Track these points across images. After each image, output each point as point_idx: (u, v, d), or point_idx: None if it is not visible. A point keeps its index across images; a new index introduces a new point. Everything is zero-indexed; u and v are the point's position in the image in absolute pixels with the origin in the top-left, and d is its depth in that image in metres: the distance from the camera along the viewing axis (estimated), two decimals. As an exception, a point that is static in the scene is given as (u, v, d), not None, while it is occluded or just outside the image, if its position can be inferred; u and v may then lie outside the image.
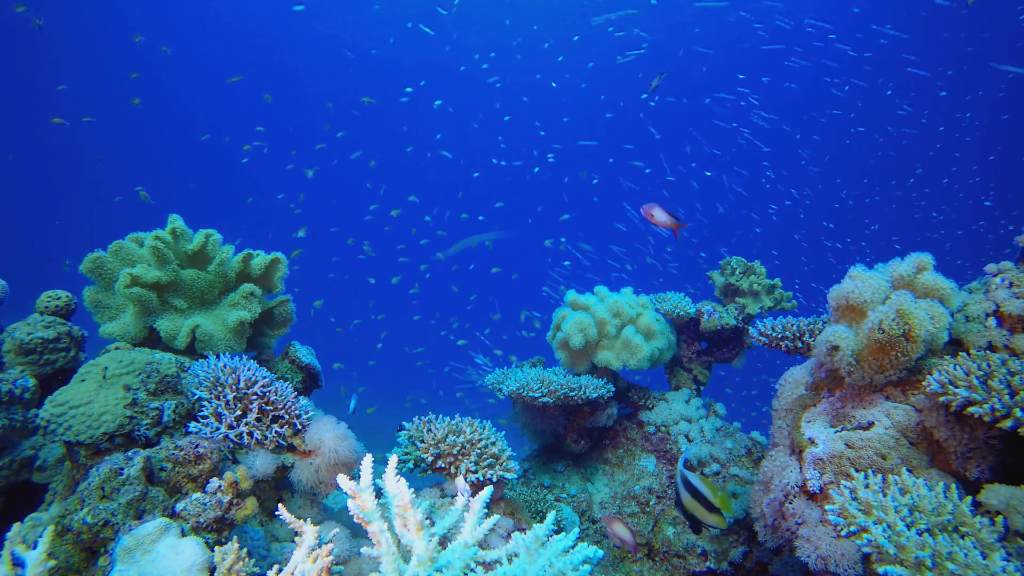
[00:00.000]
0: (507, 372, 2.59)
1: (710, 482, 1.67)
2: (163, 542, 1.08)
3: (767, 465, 1.63)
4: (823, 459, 1.44)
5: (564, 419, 2.59)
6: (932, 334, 1.40)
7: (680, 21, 14.83)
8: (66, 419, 1.43)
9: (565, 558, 0.98)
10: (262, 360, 2.14)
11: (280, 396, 1.63)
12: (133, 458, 1.27)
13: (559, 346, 2.63)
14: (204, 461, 1.37)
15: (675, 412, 2.63)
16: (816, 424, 1.55)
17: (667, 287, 3.08)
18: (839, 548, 1.27)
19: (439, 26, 15.58)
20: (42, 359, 1.82)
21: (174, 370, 1.62)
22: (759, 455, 2.48)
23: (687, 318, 2.77)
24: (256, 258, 2.09)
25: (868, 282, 1.54)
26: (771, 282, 2.88)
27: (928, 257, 1.56)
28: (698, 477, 1.70)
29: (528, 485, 2.53)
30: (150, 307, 1.89)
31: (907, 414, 1.41)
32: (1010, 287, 1.51)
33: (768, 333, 2.09)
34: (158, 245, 1.87)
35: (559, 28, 15.23)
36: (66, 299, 1.95)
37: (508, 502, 1.82)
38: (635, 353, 2.50)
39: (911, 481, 1.21)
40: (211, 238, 2.03)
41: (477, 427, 1.76)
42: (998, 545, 1.06)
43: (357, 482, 1.01)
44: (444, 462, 1.69)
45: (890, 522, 1.10)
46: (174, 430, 1.54)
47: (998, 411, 1.16)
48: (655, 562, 2.24)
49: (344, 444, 1.63)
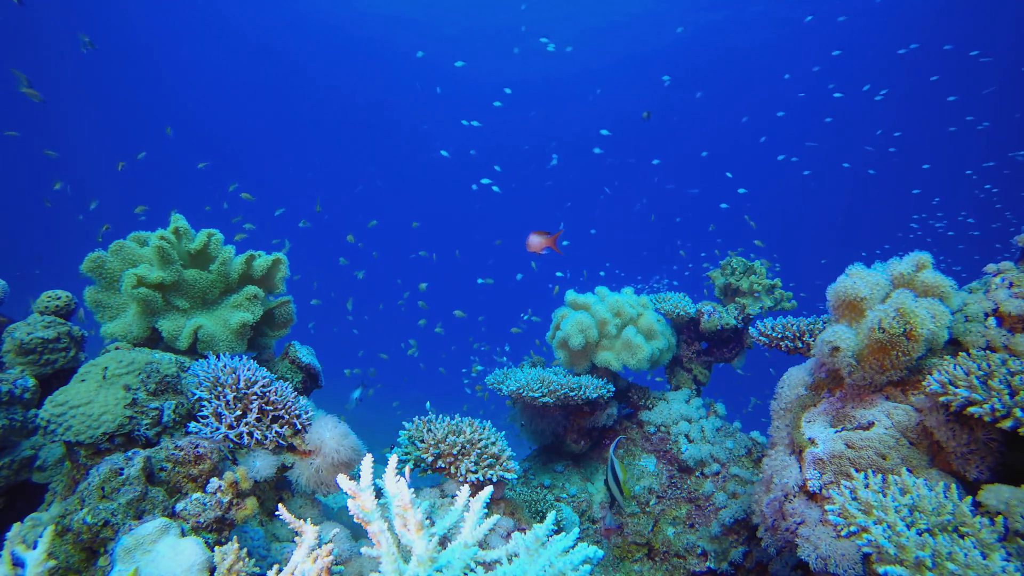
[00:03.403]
0: (507, 372, 2.59)
1: (624, 468, 1.97)
2: (163, 542, 1.08)
3: (767, 465, 1.63)
4: (823, 459, 1.44)
5: (564, 419, 2.59)
6: (933, 333, 1.39)
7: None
8: (66, 419, 1.43)
9: (565, 558, 0.98)
10: (262, 360, 2.14)
11: (280, 396, 1.63)
12: (133, 458, 1.27)
13: (559, 346, 2.63)
14: (204, 461, 1.37)
15: (675, 412, 2.63)
16: (816, 424, 1.55)
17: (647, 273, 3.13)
18: (839, 548, 1.27)
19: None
20: (42, 359, 1.82)
21: (174, 370, 1.62)
22: (759, 455, 2.48)
23: (687, 318, 2.77)
24: (259, 259, 2.09)
25: (867, 279, 1.54)
26: (771, 282, 2.88)
27: (927, 256, 1.56)
28: (619, 463, 1.94)
29: (528, 485, 2.53)
30: (154, 307, 1.89)
31: (907, 414, 1.40)
32: (1010, 287, 1.50)
33: (768, 333, 2.09)
34: (163, 245, 1.87)
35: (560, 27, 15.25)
36: (66, 299, 1.95)
37: (508, 502, 1.82)
38: (635, 353, 2.50)
39: (911, 481, 1.21)
40: (213, 238, 2.03)
41: (477, 427, 1.76)
42: (998, 545, 1.06)
43: (357, 482, 1.01)
44: (444, 462, 1.69)
45: (890, 522, 1.10)
46: (174, 430, 1.54)
47: (998, 411, 1.16)
48: (655, 562, 2.24)
49: (344, 444, 1.63)
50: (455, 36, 16.01)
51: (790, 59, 15.32)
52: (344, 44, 17.20)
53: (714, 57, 15.76)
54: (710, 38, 15.13)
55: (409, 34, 16.05)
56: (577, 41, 14.95)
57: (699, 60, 15.87)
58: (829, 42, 13.99)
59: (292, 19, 16.03)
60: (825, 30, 14.15)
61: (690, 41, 15.20)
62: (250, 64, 18.28)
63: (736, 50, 15.47)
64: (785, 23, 14.05)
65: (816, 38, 14.42)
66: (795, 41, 14.71)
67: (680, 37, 14.91)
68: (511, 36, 15.42)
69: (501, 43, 15.86)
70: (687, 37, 15.04)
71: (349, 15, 15.75)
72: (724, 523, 2.22)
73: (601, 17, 14.55)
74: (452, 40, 16.14)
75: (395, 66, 17.83)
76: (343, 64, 18.30)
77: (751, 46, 15.24)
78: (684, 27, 14.61)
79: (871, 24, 13.62)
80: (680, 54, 15.70)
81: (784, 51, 15.14)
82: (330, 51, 17.60)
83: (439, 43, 16.19)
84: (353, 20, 15.97)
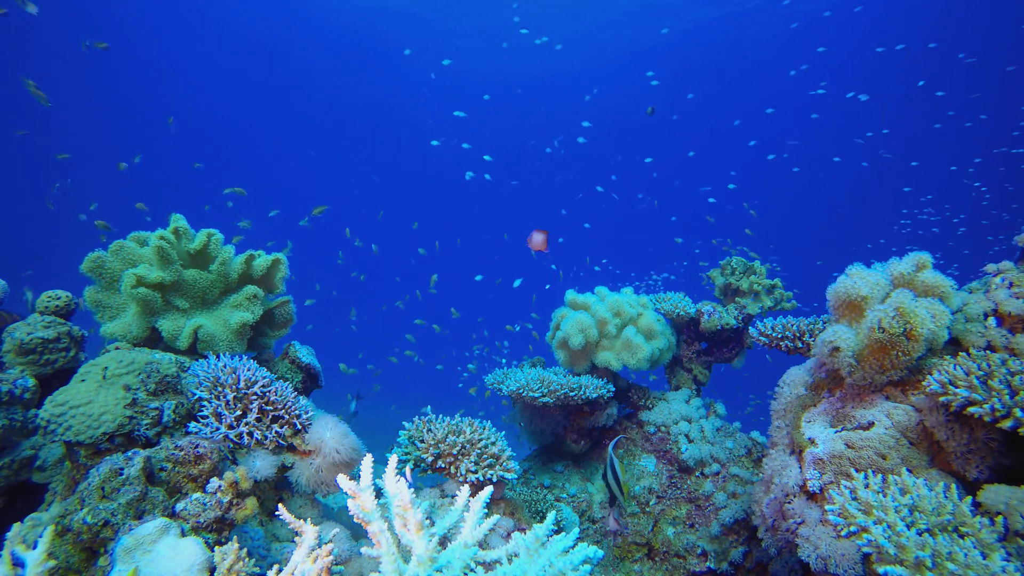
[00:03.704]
0: (507, 372, 2.59)
1: (623, 467, 2.01)
2: (163, 542, 1.08)
3: (767, 465, 1.63)
4: (823, 459, 1.44)
5: (564, 419, 2.59)
6: (933, 332, 1.39)
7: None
8: (66, 419, 1.43)
9: (565, 558, 0.98)
10: (262, 360, 2.14)
11: (280, 396, 1.63)
12: (133, 458, 1.27)
13: (558, 346, 2.63)
14: (204, 461, 1.37)
15: (675, 412, 2.63)
16: (816, 424, 1.55)
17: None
18: (839, 548, 1.27)
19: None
20: (42, 359, 1.82)
21: (174, 370, 1.62)
22: (759, 455, 2.48)
23: (687, 318, 2.77)
24: (258, 259, 2.09)
25: (867, 279, 1.54)
26: (771, 282, 2.88)
27: (927, 256, 1.56)
28: (618, 463, 1.96)
29: (528, 485, 2.52)
30: (154, 307, 1.89)
31: (907, 414, 1.40)
32: (1010, 287, 1.50)
33: (768, 333, 2.09)
34: (163, 245, 1.87)
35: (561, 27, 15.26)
36: (66, 299, 1.95)
37: (508, 502, 1.82)
38: (635, 353, 2.50)
39: (911, 481, 1.21)
40: (213, 238, 2.03)
41: (477, 427, 1.76)
42: (998, 545, 1.06)
43: (357, 482, 1.01)
44: (444, 462, 1.69)
45: (890, 522, 1.10)
46: (174, 430, 1.54)
47: (998, 411, 1.16)
48: (655, 562, 2.24)
49: (344, 444, 1.63)
50: (455, 32, 16.03)
51: (784, 57, 15.33)
52: (340, 40, 17.22)
53: (706, 55, 15.79)
54: (702, 35, 15.16)
55: (405, 30, 16.06)
56: (574, 39, 14.98)
57: (692, 58, 15.90)
58: (816, 39, 14.02)
59: (288, 15, 16.05)
60: (812, 27, 14.19)
61: (680, 39, 15.23)
62: (247, 61, 18.29)
63: (727, 49, 15.49)
64: (776, 20, 14.07)
65: (807, 36, 14.44)
66: (785, 38, 14.73)
67: (667, 36, 14.99)
68: (504, 31, 15.45)
69: (494, 39, 15.91)
70: (677, 35, 15.10)
71: (345, 11, 15.77)
72: (724, 523, 2.22)
73: (601, 13, 14.56)
74: (448, 35, 16.16)
75: (393, 63, 17.84)
76: (339, 60, 18.30)
77: (743, 43, 15.25)
78: (675, 24, 14.66)
79: (858, 22, 13.64)
80: (672, 51, 15.73)
81: (775, 49, 15.16)
82: (326, 47, 17.61)
83: (437, 39, 16.22)
84: (350, 15, 15.98)
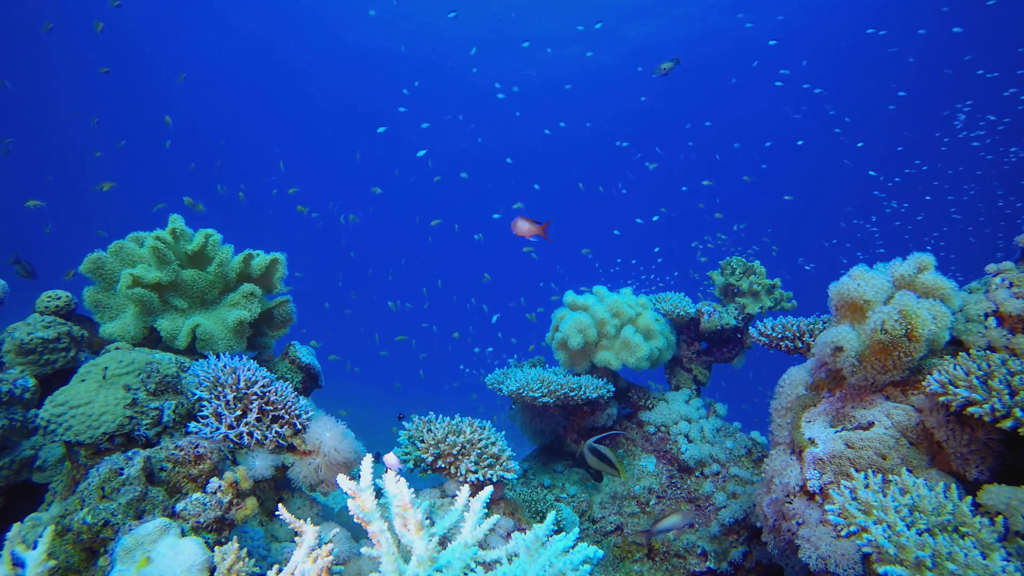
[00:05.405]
0: (507, 372, 2.59)
1: (611, 450, 2.05)
2: (163, 542, 1.08)
3: (768, 465, 1.63)
4: (823, 459, 1.44)
5: (564, 419, 2.59)
6: (935, 333, 1.39)
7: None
8: (66, 419, 1.43)
9: (565, 558, 0.98)
10: (262, 360, 2.14)
11: (280, 396, 1.63)
12: (133, 458, 1.27)
13: (558, 346, 2.63)
14: (204, 461, 1.37)
15: (675, 412, 2.63)
16: (816, 424, 1.55)
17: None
18: (839, 548, 1.27)
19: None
20: (42, 359, 1.82)
21: (174, 370, 1.62)
22: (759, 455, 2.48)
23: (687, 318, 2.77)
24: (256, 258, 2.09)
25: (870, 281, 1.54)
26: (771, 282, 2.88)
27: (929, 257, 1.56)
28: (603, 446, 2.03)
29: (528, 485, 2.53)
30: (151, 307, 1.89)
31: (907, 414, 1.40)
32: (1010, 287, 1.50)
33: (768, 333, 2.09)
34: (158, 245, 1.87)
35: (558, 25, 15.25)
36: (66, 299, 1.95)
37: (508, 502, 1.82)
38: (634, 352, 2.50)
39: (911, 481, 1.21)
40: (211, 238, 2.03)
41: (477, 427, 1.76)
42: (998, 545, 1.05)
43: (357, 482, 1.01)
44: (444, 462, 1.69)
45: (890, 522, 1.10)
46: (174, 430, 1.54)
47: (998, 411, 1.16)
48: (655, 562, 2.24)
49: (344, 444, 1.63)
50: (455, 32, 16.03)
51: (781, 56, 15.32)
52: (340, 41, 17.21)
53: (700, 55, 15.77)
54: (699, 34, 15.15)
55: (405, 30, 16.06)
56: (572, 37, 14.98)
57: (687, 56, 15.88)
58: (809, 38, 13.99)
59: (285, 16, 16.05)
60: (804, 26, 14.15)
61: (675, 38, 15.23)
62: (245, 62, 18.26)
63: (721, 49, 15.46)
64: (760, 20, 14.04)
65: (802, 34, 14.41)
66: (778, 36, 14.73)
67: (663, 40, 14.98)
68: (502, 30, 15.44)
69: (496, 40, 15.91)
70: (673, 34, 15.10)
71: (345, 14, 15.77)
72: (724, 523, 2.22)
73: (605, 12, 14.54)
74: (449, 36, 16.18)
75: (391, 61, 17.82)
76: (336, 61, 18.28)
77: (738, 45, 15.22)
78: (680, 21, 14.64)
79: (859, 23, 13.61)
80: (664, 49, 15.73)
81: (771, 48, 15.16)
82: (325, 48, 17.59)
83: (435, 38, 16.23)
84: (348, 20, 15.98)
